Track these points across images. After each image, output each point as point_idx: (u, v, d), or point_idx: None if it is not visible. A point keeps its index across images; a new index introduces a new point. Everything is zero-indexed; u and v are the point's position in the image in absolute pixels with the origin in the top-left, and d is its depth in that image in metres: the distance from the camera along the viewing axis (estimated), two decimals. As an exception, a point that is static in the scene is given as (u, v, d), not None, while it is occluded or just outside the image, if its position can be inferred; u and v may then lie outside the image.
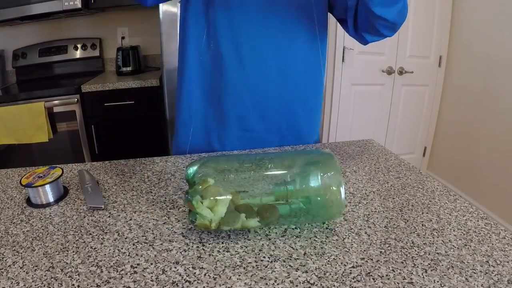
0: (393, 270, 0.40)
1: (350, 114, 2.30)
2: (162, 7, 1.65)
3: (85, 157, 1.95)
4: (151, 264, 0.41)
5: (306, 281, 0.38)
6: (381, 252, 0.43)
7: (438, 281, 0.38)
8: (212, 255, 0.43)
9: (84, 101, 1.86)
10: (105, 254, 0.43)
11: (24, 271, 0.40)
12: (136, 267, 0.41)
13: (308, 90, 0.78)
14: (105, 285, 0.38)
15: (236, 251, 0.44)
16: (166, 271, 0.40)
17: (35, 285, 0.38)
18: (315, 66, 0.77)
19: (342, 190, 0.44)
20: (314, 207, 0.46)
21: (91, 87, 1.84)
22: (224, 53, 0.71)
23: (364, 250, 0.44)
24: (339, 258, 0.42)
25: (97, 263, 0.42)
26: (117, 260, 0.42)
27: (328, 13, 0.76)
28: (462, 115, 2.19)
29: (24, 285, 0.38)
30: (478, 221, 0.49)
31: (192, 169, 0.46)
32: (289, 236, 0.47)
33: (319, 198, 0.45)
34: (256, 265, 0.41)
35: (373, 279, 0.38)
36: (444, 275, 0.39)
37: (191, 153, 0.78)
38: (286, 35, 0.72)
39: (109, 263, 0.42)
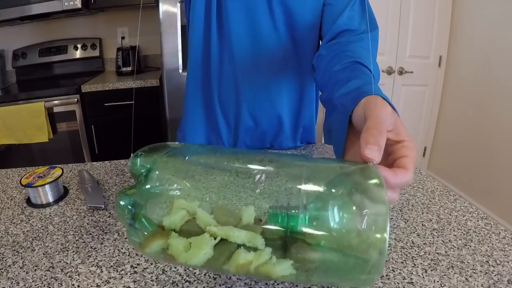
0: (393, 270, 0.40)
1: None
2: (162, 7, 1.65)
3: (85, 157, 1.95)
4: (151, 264, 0.41)
5: (306, 281, 0.38)
6: (381, 252, 0.43)
7: (438, 281, 0.38)
8: (212, 255, 0.43)
9: (84, 101, 1.86)
10: (105, 254, 0.43)
11: (24, 271, 0.40)
12: (136, 267, 0.41)
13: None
14: (105, 285, 0.38)
15: (236, 251, 0.44)
16: (166, 271, 0.40)
17: (35, 285, 0.38)
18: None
19: (385, 245, 0.25)
20: (328, 263, 0.28)
21: (91, 87, 1.84)
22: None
23: (364, 250, 0.43)
24: (339, 258, 0.42)
25: (97, 263, 0.42)
26: (117, 260, 0.42)
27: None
28: (462, 115, 2.19)
29: (24, 285, 0.38)
30: (478, 221, 0.49)
31: (142, 160, 0.34)
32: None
33: (340, 252, 0.27)
34: (256, 265, 0.41)
35: (373, 279, 0.38)
36: (444, 275, 0.39)
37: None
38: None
39: (109, 263, 0.42)
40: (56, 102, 1.80)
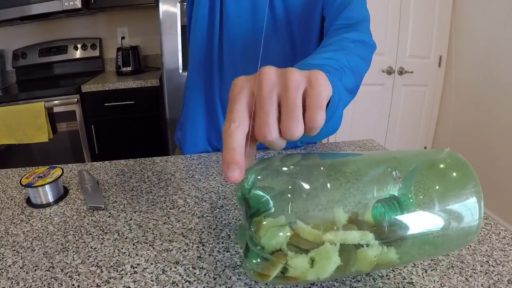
0: (393, 270, 0.40)
1: (350, 114, 2.30)
2: (162, 7, 1.65)
3: (85, 157, 1.95)
4: (151, 264, 0.41)
5: (306, 281, 0.38)
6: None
7: (438, 281, 0.38)
8: (212, 255, 0.43)
9: (84, 101, 1.86)
10: (105, 254, 0.43)
11: (24, 271, 0.40)
12: (136, 267, 0.41)
13: None
14: (105, 285, 0.38)
15: (236, 251, 0.44)
16: (166, 271, 0.40)
17: (35, 285, 0.38)
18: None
19: (481, 209, 0.32)
20: (442, 237, 0.33)
21: (91, 87, 1.84)
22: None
23: (364, 250, 0.43)
24: (339, 258, 0.42)
25: (97, 263, 0.42)
26: (117, 260, 0.42)
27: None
28: (462, 115, 2.19)
29: (24, 285, 0.38)
30: (478, 221, 0.49)
31: (254, 179, 0.31)
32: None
33: (449, 229, 0.32)
34: (256, 265, 0.41)
35: (373, 279, 0.38)
36: (444, 275, 0.39)
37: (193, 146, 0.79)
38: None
39: (109, 263, 0.42)
40: (56, 102, 1.80)
